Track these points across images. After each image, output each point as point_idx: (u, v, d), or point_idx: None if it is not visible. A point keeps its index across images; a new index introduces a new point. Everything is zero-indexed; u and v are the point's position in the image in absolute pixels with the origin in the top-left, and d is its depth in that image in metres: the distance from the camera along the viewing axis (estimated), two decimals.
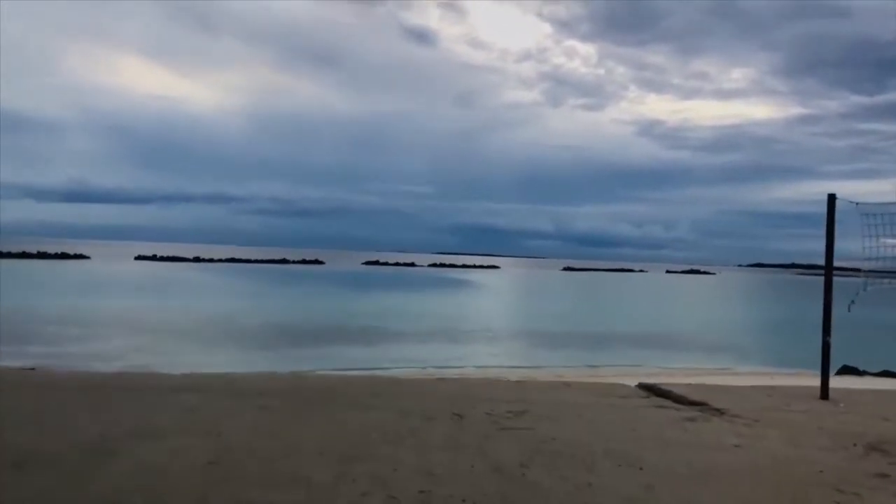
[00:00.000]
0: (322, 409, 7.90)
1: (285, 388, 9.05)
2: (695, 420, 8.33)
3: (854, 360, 26.81)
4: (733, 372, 23.82)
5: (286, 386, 9.21)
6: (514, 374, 21.70)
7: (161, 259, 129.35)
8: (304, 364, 24.14)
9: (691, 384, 11.91)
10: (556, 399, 9.30)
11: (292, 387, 9.17)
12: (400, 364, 24.62)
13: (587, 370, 23.60)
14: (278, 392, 8.73)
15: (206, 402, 7.88)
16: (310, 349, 28.50)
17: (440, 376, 16.26)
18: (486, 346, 31.17)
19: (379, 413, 7.79)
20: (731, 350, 33.00)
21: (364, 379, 11.27)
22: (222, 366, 22.62)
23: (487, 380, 11.11)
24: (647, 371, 23.35)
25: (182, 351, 26.62)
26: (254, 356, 26.11)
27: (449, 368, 23.16)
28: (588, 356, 28.67)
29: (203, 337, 30.57)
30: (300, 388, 9.07)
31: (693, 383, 12.17)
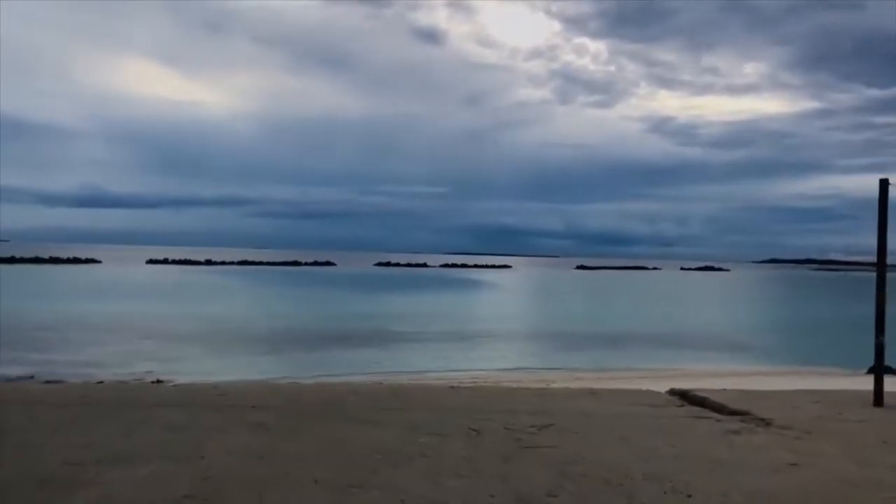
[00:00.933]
0: (321, 425, 7.04)
1: (282, 400, 8.20)
2: (740, 433, 7.41)
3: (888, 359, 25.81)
4: (763, 372, 22.83)
5: (283, 398, 8.35)
6: (533, 378, 20.84)
7: (172, 262, 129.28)
8: (312, 369, 23.38)
9: (727, 389, 10.97)
10: (583, 409, 8.40)
11: (290, 399, 8.31)
12: (413, 368, 23.81)
13: (609, 373, 22.67)
14: (274, 406, 7.88)
15: (192, 419, 7.04)
16: (320, 353, 27.72)
17: (454, 383, 15.40)
18: (502, 348, 30.29)
19: (385, 429, 6.92)
20: (756, 349, 31.98)
21: (370, 388, 10.39)
22: (227, 372, 21.94)
23: (505, 388, 10.22)
24: (671, 372, 22.42)
25: (187, 357, 25.91)
26: (261, 361, 25.37)
27: (463, 372, 22.31)
28: (608, 357, 27.73)
29: (210, 342, 29.85)
30: (298, 401, 8.22)
31: (729, 388, 11.23)
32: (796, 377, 20.76)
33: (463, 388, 9.81)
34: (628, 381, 19.83)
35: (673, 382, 19.37)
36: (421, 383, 11.75)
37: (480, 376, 21.46)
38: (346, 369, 23.14)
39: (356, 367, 23.84)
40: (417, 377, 21.08)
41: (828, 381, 18.42)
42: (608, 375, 21.62)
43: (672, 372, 22.76)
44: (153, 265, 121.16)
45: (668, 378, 20.65)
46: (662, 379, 20.31)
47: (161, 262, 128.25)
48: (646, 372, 22.70)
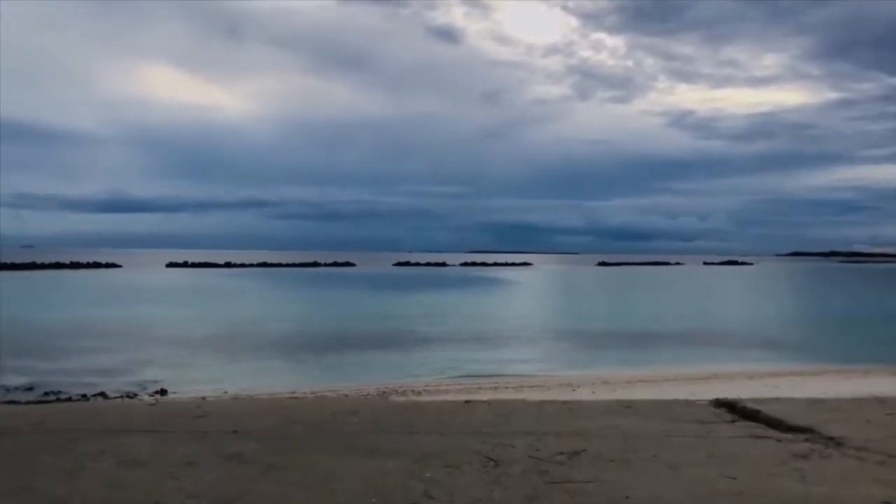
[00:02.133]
0: (310, 455, 5.94)
1: (270, 423, 7.10)
2: (808, 458, 6.21)
3: None
4: (804, 372, 21.41)
5: (271, 420, 7.25)
6: (556, 381, 19.63)
7: (192, 265, 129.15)
8: (327, 375, 22.38)
9: (781, 399, 9.77)
10: (619, 429, 7.23)
11: (279, 421, 7.21)
12: (432, 372, 22.68)
13: (636, 374, 21.36)
14: (259, 430, 6.79)
15: (157, 451, 5.96)
16: (335, 357, 26.68)
17: (469, 395, 14.28)
18: (524, 348, 29.07)
19: (385, 460, 5.81)
20: (790, 346, 30.49)
21: (373, 404, 9.29)
22: (237, 380, 20.96)
23: (528, 402, 9.05)
24: (704, 374, 21.12)
25: (198, 364, 24.95)
26: (274, 367, 24.33)
27: (484, 378, 21.12)
28: (635, 358, 26.40)
29: (224, 347, 28.90)
30: (289, 423, 7.11)
31: (782, 397, 10.02)
32: (840, 377, 19.44)
33: (479, 402, 8.67)
34: (658, 385, 18.58)
35: (708, 386, 18.12)
36: (431, 400, 10.59)
37: (501, 380, 20.29)
38: (361, 375, 22.07)
39: (373, 372, 22.76)
40: (435, 382, 19.97)
41: (880, 383, 17.07)
42: (637, 377, 20.34)
43: (705, 373, 21.43)
44: (173, 269, 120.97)
45: (701, 381, 19.38)
46: (696, 382, 19.05)
47: (181, 266, 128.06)
48: (676, 373, 21.37)
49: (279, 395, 15.54)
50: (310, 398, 10.53)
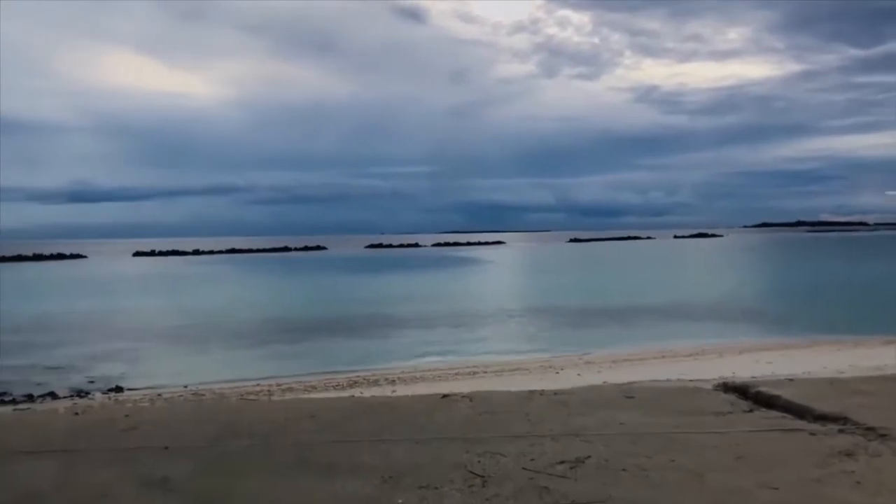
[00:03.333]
0: (253, 477, 4.81)
1: (210, 433, 5.95)
2: (855, 456, 5.21)
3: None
4: (792, 345, 20.65)
5: (213, 429, 6.10)
6: (539, 363, 18.65)
7: (159, 254, 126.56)
8: (296, 364, 21.20)
9: (794, 380, 8.81)
10: (624, 427, 6.20)
11: (223, 430, 6.07)
12: (407, 359, 21.61)
13: (623, 351, 20.46)
14: (195, 445, 5.64)
15: (65, 479, 4.80)
16: (305, 345, 25.48)
17: (447, 383, 13.29)
18: (502, 329, 28.08)
19: (345, 479, 4.71)
20: (772, 318, 29.89)
21: (334, 404, 8.15)
22: (199, 373, 19.74)
23: (514, 394, 7.98)
24: (692, 350, 20.30)
25: (159, 356, 23.66)
26: (240, 357, 23.10)
27: (460, 363, 20.11)
28: (618, 335, 25.55)
29: (187, 337, 27.57)
30: (233, 433, 5.97)
31: (797, 378, 9.08)
32: (833, 349, 18.74)
33: (458, 397, 7.58)
34: (646, 364, 17.70)
35: (699, 364, 17.29)
36: (403, 395, 9.45)
37: (480, 364, 19.28)
38: (332, 363, 20.95)
39: (344, 360, 21.64)
40: (410, 369, 18.90)
41: (879, 355, 16.33)
42: (622, 357, 19.46)
43: (691, 349, 20.61)
44: (140, 258, 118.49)
45: (689, 359, 18.56)
46: (684, 360, 18.22)
47: (148, 255, 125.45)
48: (663, 351, 20.51)
49: (233, 393, 14.39)
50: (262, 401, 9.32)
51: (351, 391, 14.81)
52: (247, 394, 14.51)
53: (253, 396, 14.16)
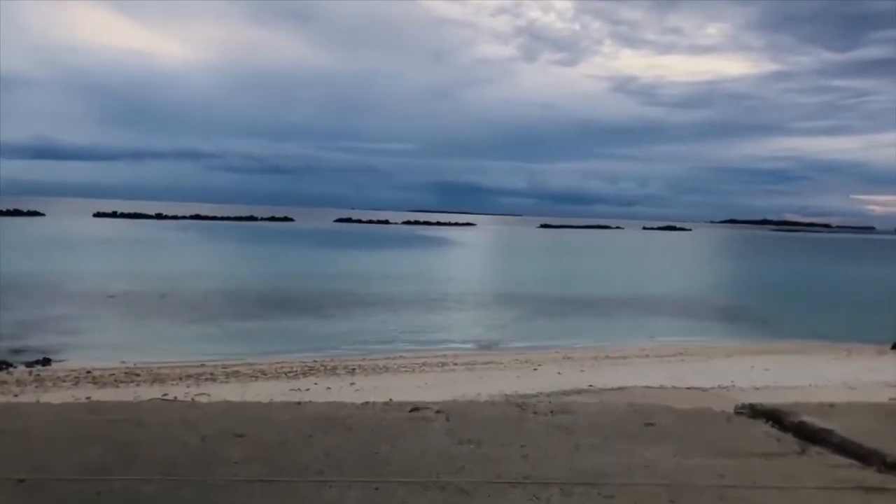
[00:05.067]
0: None
1: (89, 459, 4.23)
2: None
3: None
4: (781, 350, 19.35)
5: (96, 450, 4.38)
6: (514, 358, 17.12)
7: (121, 216, 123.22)
8: (243, 345, 19.46)
9: (836, 406, 7.29)
10: (652, 469, 4.60)
11: (107, 454, 4.35)
12: (369, 344, 19.99)
13: (602, 347, 19.05)
14: (68, 477, 3.92)
15: None
16: (261, 321, 23.72)
17: (413, 375, 11.68)
18: (473, 316, 26.50)
19: None
20: (750, 317, 28.76)
21: (277, 417, 6.41)
22: (135, 348, 17.98)
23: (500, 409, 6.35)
24: (678, 348, 18.94)
25: (99, 327, 21.73)
26: (182, 333, 21.23)
27: (429, 350, 18.57)
28: (595, 327, 24.19)
29: (136, 307, 25.67)
30: (120, 460, 4.26)
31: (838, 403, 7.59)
32: (829, 357, 17.53)
33: (431, 413, 5.95)
34: (629, 364, 16.29)
35: (687, 367, 15.88)
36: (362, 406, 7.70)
37: (450, 354, 17.76)
38: (289, 345, 19.30)
39: (302, 341, 19.99)
40: (373, 357, 17.29)
41: (884, 368, 15.12)
42: (602, 353, 18.04)
43: (675, 349, 19.26)
44: (100, 219, 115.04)
45: (675, 360, 17.22)
46: (670, 361, 16.86)
47: (109, 216, 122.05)
48: (646, 349, 19.14)
49: (171, 373, 12.62)
50: (180, 405, 7.51)
51: (305, 380, 13.21)
52: (179, 378, 12.84)
53: (177, 391, 12.46)
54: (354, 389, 12.01)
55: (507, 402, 7.00)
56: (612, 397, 10.10)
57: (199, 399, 11.34)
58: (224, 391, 11.99)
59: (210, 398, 11.43)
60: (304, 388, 12.19)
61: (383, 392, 11.26)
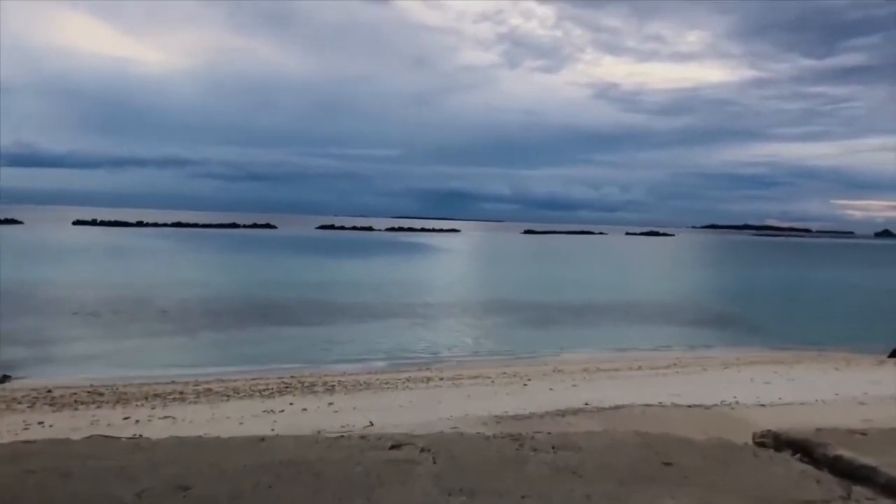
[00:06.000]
0: None
1: None
2: None
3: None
4: (775, 359, 18.64)
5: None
6: (503, 371, 16.33)
7: (101, 224, 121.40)
8: (221, 357, 18.58)
9: (869, 435, 6.57)
10: None
11: None
12: (350, 355, 19.18)
13: (593, 358, 18.28)
14: None
15: None
16: (238, 332, 22.78)
17: (395, 392, 10.83)
18: (457, 325, 25.63)
19: None
20: (742, 324, 28.21)
21: (231, 462, 5.57)
22: (104, 364, 17.06)
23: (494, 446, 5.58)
24: (668, 359, 18.23)
25: (67, 339, 20.71)
26: (156, 346, 20.26)
27: (412, 363, 17.78)
28: (583, 337, 23.46)
29: (108, 318, 24.64)
30: None
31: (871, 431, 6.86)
32: (827, 367, 16.86)
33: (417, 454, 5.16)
34: (624, 377, 15.54)
35: (683, 380, 15.23)
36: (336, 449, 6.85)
37: (434, 367, 16.96)
38: (266, 357, 18.45)
39: (280, 353, 19.15)
40: (354, 371, 16.44)
41: (886, 379, 14.46)
42: (594, 365, 17.27)
43: (668, 359, 18.57)
44: (80, 227, 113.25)
45: (670, 371, 16.50)
46: (665, 374, 16.13)
47: (88, 224, 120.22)
48: (638, 360, 18.40)
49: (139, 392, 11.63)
50: (120, 445, 6.68)
51: (280, 399, 12.34)
52: (145, 398, 11.93)
53: (141, 414, 11.56)
54: (333, 411, 11.16)
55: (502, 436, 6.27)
56: (612, 419, 9.36)
57: (163, 423, 10.47)
58: (191, 413, 11.12)
59: (174, 422, 10.58)
60: (278, 410, 11.32)
61: (363, 414, 10.47)
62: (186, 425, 10.12)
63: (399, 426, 9.60)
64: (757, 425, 8.59)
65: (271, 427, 9.66)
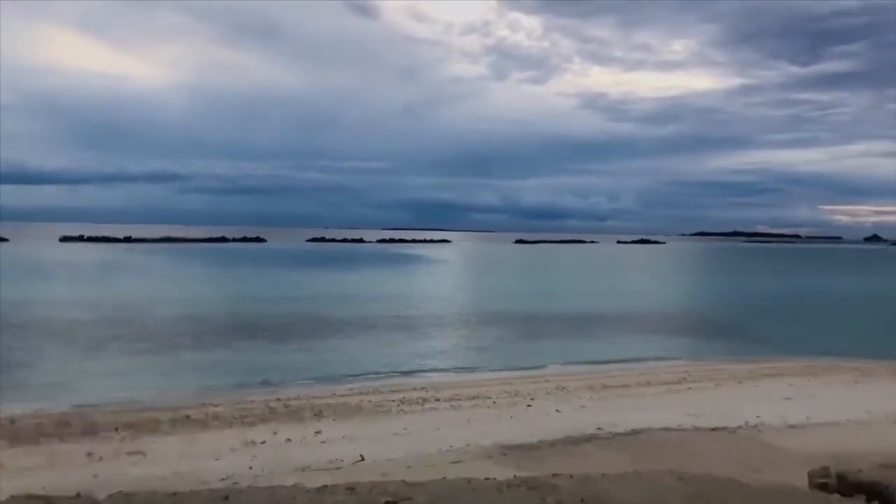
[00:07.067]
0: None
1: None
2: None
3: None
4: (789, 371, 17.67)
5: None
6: (502, 389, 15.26)
7: (88, 240, 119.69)
8: (209, 379, 17.49)
9: None
10: None
11: None
12: (339, 375, 18.10)
13: (598, 373, 17.24)
14: None
15: None
16: (221, 352, 21.64)
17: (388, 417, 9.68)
18: (453, 340, 24.53)
19: None
20: (745, 334, 27.30)
21: None
22: (84, 387, 15.98)
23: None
24: (677, 374, 17.21)
25: (41, 361, 19.54)
26: (141, 368, 19.11)
27: (406, 381, 16.72)
28: (585, 350, 22.40)
29: (85, 339, 23.47)
30: None
31: None
32: (842, 378, 15.93)
33: None
34: (634, 395, 14.54)
35: (697, 396, 14.24)
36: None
37: (432, 386, 15.90)
38: (249, 378, 17.37)
39: (264, 373, 18.05)
40: (344, 392, 15.34)
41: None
42: (599, 381, 16.23)
43: (677, 374, 17.56)
44: (67, 243, 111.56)
45: (681, 388, 15.52)
46: (676, 390, 15.15)
47: (76, 240, 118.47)
48: (647, 375, 17.36)
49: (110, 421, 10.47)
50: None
51: (262, 428, 11.26)
52: (115, 429, 10.82)
53: (107, 449, 10.48)
54: (320, 441, 10.10)
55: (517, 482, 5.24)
56: (632, 448, 8.36)
57: (129, 460, 9.41)
58: (164, 447, 10.05)
59: (142, 459, 9.52)
60: (260, 441, 10.25)
61: (354, 444, 9.44)
62: (156, 462, 9.07)
63: (394, 460, 8.60)
64: (792, 452, 7.55)
65: (249, 463, 8.64)
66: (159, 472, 8.47)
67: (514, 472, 7.68)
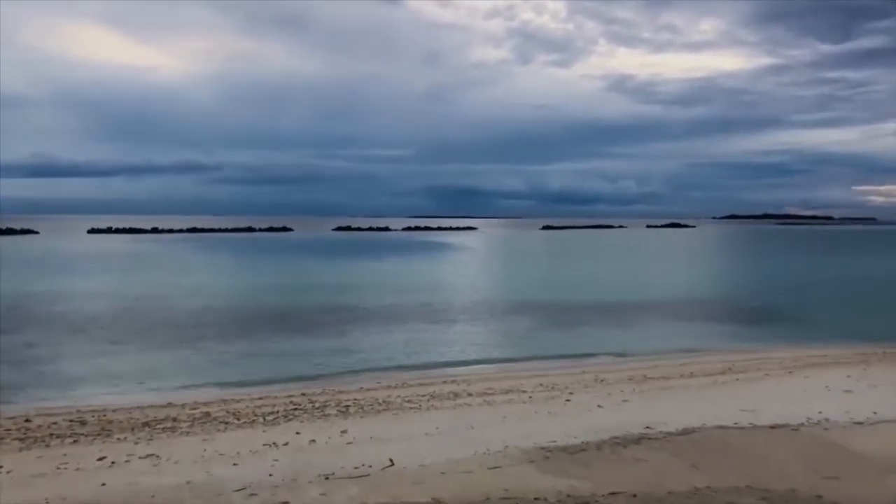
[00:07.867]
0: None
1: None
2: None
3: None
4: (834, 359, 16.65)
5: None
6: (537, 382, 14.49)
7: (115, 231, 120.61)
8: (233, 372, 16.96)
9: None
10: None
11: None
12: (368, 364, 17.50)
13: (637, 365, 16.37)
14: None
15: None
16: (247, 343, 21.11)
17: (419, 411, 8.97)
18: (481, 329, 23.69)
19: None
20: (790, 321, 26.12)
21: None
22: (106, 379, 15.54)
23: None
24: (721, 365, 16.29)
25: (55, 356, 19.06)
26: (162, 361, 18.59)
27: (435, 372, 16.02)
28: (619, 339, 21.51)
29: (113, 330, 23.11)
30: None
31: None
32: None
33: None
34: (681, 388, 13.68)
35: (750, 388, 13.35)
36: None
37: (463, 380, 15.17)
38: (277, 370, 16.82)
39: (292, 365, 17.51)
40: (371, 385, 14.69)
41: None
42: (640, 373, 15.38)
43: (721, 366, 16.62)
44: (94, 235, 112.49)
45: (730, 379, 14.62)
46: (725, 383, 14.26)
47: (103, 232, 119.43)
48: (690, 367, 16.46)
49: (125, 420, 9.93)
50: None
51: (285, 427, 10.62)
52: (131, 429, 10.22)
53: (121, 451, 9.86)
54: (345, 442, 9.42)
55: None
56: (687, 450, 7.56)
57: (142, 465, 8.78)
58: (180, 449, 9.43)
59: (156, 463, 8.89)
60: (282, 442, 9.59)
61: (382, 446, 8.75)
62: (168, 469, 8.44)
63: (426, 466, 7.89)
64: (866, 455, 6.61)
65: (270, 470, 7.98)
66: (170, 482, 7.82)
67: (562, 480, 6.92)
